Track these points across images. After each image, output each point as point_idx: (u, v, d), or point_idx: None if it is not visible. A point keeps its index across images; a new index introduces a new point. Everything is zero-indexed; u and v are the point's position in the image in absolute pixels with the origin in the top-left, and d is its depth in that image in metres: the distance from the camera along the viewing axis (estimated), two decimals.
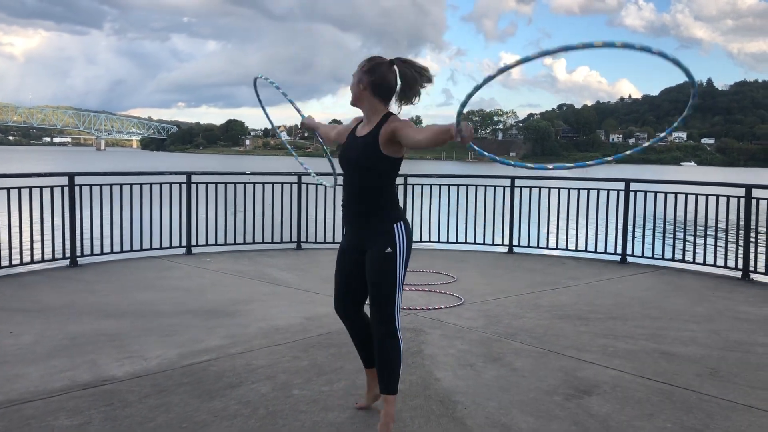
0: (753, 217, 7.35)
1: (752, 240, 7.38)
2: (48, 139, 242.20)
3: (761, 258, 7.35)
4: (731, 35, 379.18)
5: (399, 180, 9.28)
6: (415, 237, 9.46)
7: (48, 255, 7.37)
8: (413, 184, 9.46)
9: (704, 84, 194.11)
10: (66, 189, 7.44)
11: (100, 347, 4.49)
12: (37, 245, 7.24)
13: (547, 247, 9.10)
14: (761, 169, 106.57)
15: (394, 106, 3.22)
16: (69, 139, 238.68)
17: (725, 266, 7.67)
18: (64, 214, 7.45)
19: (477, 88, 2.60)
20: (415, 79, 3.15)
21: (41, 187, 7.30)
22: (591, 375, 4.09)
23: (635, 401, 3.67)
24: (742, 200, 7.41)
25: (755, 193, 7.36)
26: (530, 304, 6.03)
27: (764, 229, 7.59)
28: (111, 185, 7.91)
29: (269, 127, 4.20)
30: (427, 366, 4.20)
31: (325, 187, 3.84)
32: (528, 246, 9.13)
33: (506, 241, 9.14)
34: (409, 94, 3.19)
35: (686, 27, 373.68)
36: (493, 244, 9.27)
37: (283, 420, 3.32)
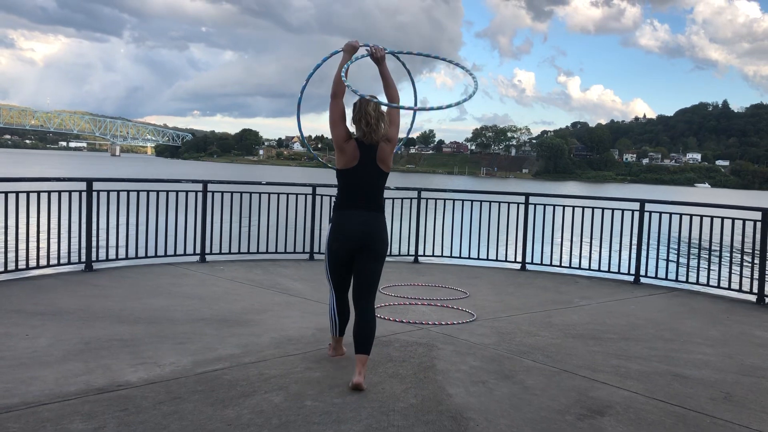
0: None
1: None
2: (64, 143, 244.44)
3: None
4: (747, 57, 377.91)
5: (413, 194, 9.41)
6: (428, 251, 9.47)
7: (64, 259, 7.44)
8: (426, 199, 9.49)
9: (720, 105, 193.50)
10: (84, 194, 7.52)
11: (115, 352, 4.52)
12: (53, 249, 7.31)
13: (560, 266, 9.07)
14: None
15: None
16: (84, 144, 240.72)
17: (740, 290, 7.61)
18: (81, 218, 7.52)
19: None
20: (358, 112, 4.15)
21: (60, 192, 7.38)
22: (604, 395, 4.07)
23: (648, 423, 3.65)
24: (758, 224, 7.36)
25: None
26: (543, 322, 6.01)
27: None
28: (128, 191, 7.99)
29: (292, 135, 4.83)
30: (439, 381, 4.20)
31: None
32: (541, 264, 9.12)
33: (519, 258, 9.12)
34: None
35: (701, 48, 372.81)
36: (506, 261, 9.25)
37: (296, 431, 3.33)
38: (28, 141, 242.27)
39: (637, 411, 3.82)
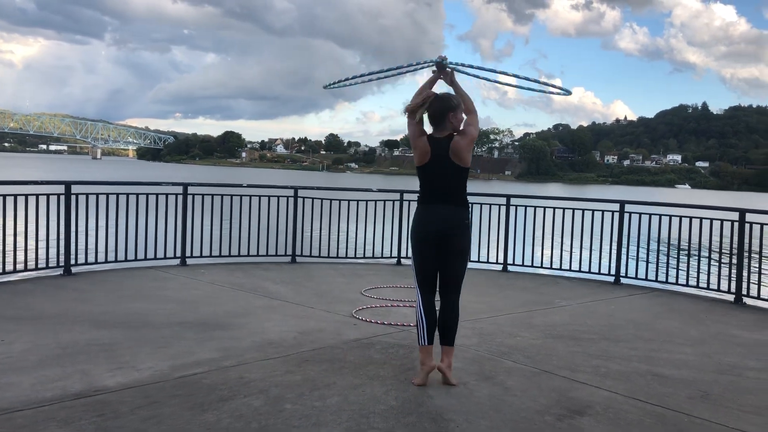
0: (746, 241, 7.38)
1: (745, 264, 7.41)
2: (44, 146, 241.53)
3: (754, 282, 7.38)
4: (724, 60, 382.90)
5: (395, 196, 9.41)
6: (410, 254, 9.44)
7: (42, 263, 7.35)
8: (409, 201, 9.48)
9: (699, 107, 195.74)
10: (62, 197, 7.44)
11: (93, 357, 4.47)
12: (31, 253, 7.22)
13: (542, 267, 9.11)
14: (755, 194, 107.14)
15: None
16: (65, 147, 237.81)
17: (718, 290, 7.69)
18: (59, 222, 7.43)
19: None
20: None
21: (37, 195, 7.29)
22: (583, 395, 4.09)
23: (627, 423, 3.67)
24: (736, 224, 7.45)
25: (749, 217, 7.40)
26: (524, 323, 6.04)
27: (757, 254, 7.62)
28: (107, 195, 7.91)
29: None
30: None
31: None
32: (522, 265, 9.14)
33: (501, 260, 9.15)
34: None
35: (679, 51, 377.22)
36: (487, 262, 9.27)
37: None
38: (6, 144, 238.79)
39: (617, 411, 3.85)
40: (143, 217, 8.17)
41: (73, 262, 7.59)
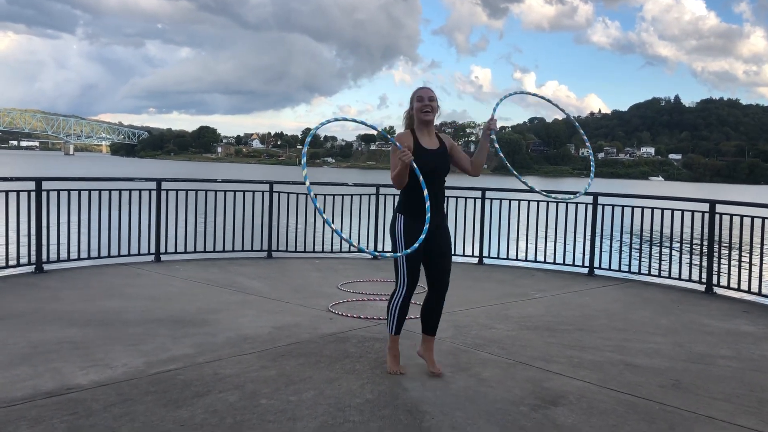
0: (716, 232, 7.50)
1: (715, 254, 7.53)
2: (15, 142, 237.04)
3: (724, 272, 7.51)
4: (695, 54, 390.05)
5: (371, 190, 9.41)
6: (387, 247, 9.45)
7: (12, 261, 7.23)
8: (385, 195, 9.49)
9: (672, 100, 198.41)
10: (33, 194, 7.32)
11: (65, 355, 4.42)
12: (1, 250, 7.10)
13: (517, 259, 9.17)
14: (725, 185, 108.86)
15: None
16: (37, 143, 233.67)
17: (689, 280, 7.81)
18: (30, 219, 7.31)
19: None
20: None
21: (7, 192, 7.17)
22: (557, 386, 4.13)
23: (600, 412, 3.72)
24: (707, 215, 7.56)
25: (719, 208, 7.52)
26: (499, 315, 6.08)
27: (727, 244, 7.75)
28: (79, 191, 7.80)
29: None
30: (395, 376, 4.21)
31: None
32: (498, 257, 9.20)
33: (477, 252, 9.20)
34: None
35: (651, 45, 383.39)
36: (463, 255, 9.31)
37: (250, 430, 3.30)
38: None
39: (590, 400, 3.89)
40: (116, 213, 8.06)
41: (44, 259, 7.48)
